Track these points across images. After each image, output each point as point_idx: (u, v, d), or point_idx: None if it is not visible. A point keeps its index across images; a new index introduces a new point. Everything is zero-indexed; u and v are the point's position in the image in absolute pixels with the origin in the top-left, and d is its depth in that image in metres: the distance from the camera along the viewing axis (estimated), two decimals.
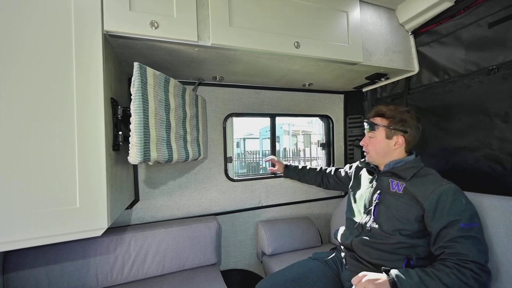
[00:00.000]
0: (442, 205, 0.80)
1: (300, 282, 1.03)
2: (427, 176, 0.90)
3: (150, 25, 0.85)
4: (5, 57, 0.67)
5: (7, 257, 1.05)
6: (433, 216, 0.81)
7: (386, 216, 0.93)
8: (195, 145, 1.21)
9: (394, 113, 0.98)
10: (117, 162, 0.94)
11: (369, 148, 1.03)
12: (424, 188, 0.86)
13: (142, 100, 0.81)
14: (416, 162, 0.95)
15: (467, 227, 0.76)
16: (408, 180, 0.91)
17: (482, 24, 1.08)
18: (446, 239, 0.77)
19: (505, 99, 1.01)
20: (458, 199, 0.81)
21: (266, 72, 1.35)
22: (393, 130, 0.97)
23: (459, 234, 0.76)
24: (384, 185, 0.98)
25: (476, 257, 0.73)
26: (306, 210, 1.82)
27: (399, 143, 0.97)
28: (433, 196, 0.82)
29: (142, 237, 1.26)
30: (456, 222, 0.77)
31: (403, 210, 0.89)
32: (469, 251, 0.74)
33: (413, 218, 0.86)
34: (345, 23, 1.19)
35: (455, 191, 0.82)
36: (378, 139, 0.99)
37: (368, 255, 0.94)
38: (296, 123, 12.60)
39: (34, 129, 0.69)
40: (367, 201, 1.02)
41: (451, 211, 0.79)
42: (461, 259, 0.74)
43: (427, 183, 0.87)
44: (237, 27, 0.99)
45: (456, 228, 0.76)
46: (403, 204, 0.89)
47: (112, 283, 1.19)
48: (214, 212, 1.55)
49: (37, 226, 0.69)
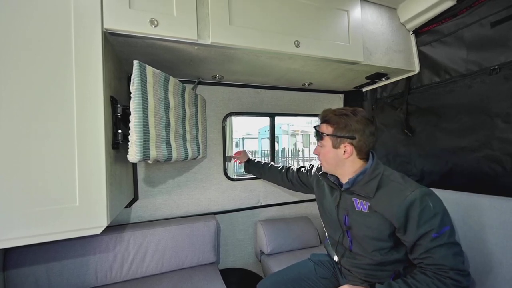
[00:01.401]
0: (411, 219, 0.76)
1: (300, 283, 1.03)
2: (389, 186, 0.82)
3: (150, 23, 0.85)
4: (5, 56, 0.67)
5: (7, 255, 1.06)
6: (404, 232, 0.78)
7: (361, 238, 0.88)
8: (194, 144, 1.21)
9: (338, 119, 0.86)
10: (116, 161, 0.94)
11: (320, 158, 0.94)
12: (390, 203, 0.79)
13: (141, 98, 0.81)
14: (374, 170, 0.85)
15: (439, 235, 0.73)
16: (372, 198, 0.83)
17: (484, 24, 1.07)
18: (421, 251, 0.76)
19: (506, 99, 1.00)
20: (426, 207, 0.75)
21: (266, 71, 1.35)
22: (338, 139, 0.86)
23: (433, 244, 0.73)
24: (348, 203, 0.91)
25: (454, 263, 0.72)
26: (305, 210, 1.81)
27: (348, 152, 0.86)
28: (400, 212, 0.76)
29: (141, 235, 1.26)
30: (428, 233, 0.74)
31: (375, 229, 0.83)
32: (446, 259, 0.72)
33: (387, 236, 0.82)
34: (345, 22, 1.19)
35: (421, 198, 0.76)
36: (326, 149, 0.89)
37: (358, 274, 0.93)
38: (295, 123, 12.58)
39: (33, 127, 0.69)
40: (337, 220, 0.96)
41: (420, 223, 0.75)
42: (439, 269, 0.73)
43: (391, 196, 0.80)
44: (237, 26, 0.98)
45: (429, 239, 0.74)
46: (373, 224, 0.84)
47: (111, 281, 1.20)
48: (213, 211, 1.55)
49: (37, 224, 0.69)
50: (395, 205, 0.77)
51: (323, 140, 0.90)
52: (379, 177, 0.84)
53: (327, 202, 1.02)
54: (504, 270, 0.83)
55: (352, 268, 0.95)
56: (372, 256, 0.87)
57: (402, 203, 0.76)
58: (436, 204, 0.77)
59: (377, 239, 0.84)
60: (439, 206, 0.77)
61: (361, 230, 0.87)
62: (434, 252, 0.74)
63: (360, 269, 0.92)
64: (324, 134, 0.89)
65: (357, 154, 0.87)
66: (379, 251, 0.85)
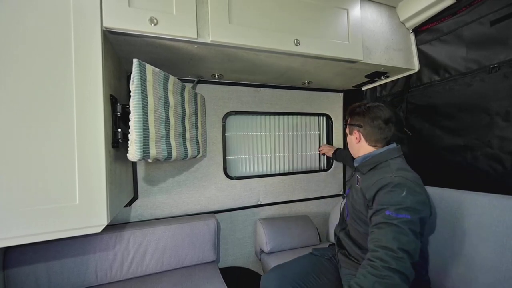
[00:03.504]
0: (378, 196, 0.81)
1: (307, 277, 1.05)
2: (380, 169, 0.90)
3: (150, 22, 0.85)
4: (4, 55, 0.67)
5: (7, 253, 1.06)
6: (370, 206, 0.84)
7: (352, 208, 0.99)
8: (194, 143, 1.21)
9: (353, 109, 1.04)
10: (116, 160, 0.94)
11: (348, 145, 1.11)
12: (369, 180, 0.89)
13: (141, 97, 0.80)
14: (380, 156, 0.93)
15: (393, 215, 0.73)
16: (364, 174, 0.96)
17: (484, 22, 1.07)
18: (371, 224, 0.78)
19: (506, 98, 1.01)
20: (396, 191, 0.77)
21: (266, 70, 1.35)
22: (351, 126, 1.03)
23: (382, 220, 0.74)
24: (353, 180, 1.05)
25: (389, 243, 0.69)
26: (305, 209, 1.82)
27: (358, 138, 1.01)
28: (373, 188, 0.84)
29: (141, 234, 1.26)
30: (383, 209, 0.76)
31: (359, 203, 0.93)
32: (384, 236, 0.71)
33: (365, 211, 0.90)
34: (345, 21, 1.19)
35: (397, 184, 0.79)
36: (349, 136, 1.08)
37: (349, 246, 1.01)
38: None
39: (33, 126, 0.69)
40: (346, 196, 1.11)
41: (382, 200, 0.78)
42: (374, 245, 0.72)
43: (375, 175, 0.88)
44: (237, 25, 0.98)
45: (381, 215, 0.75)
46: (358, 198, 0.94)
47: (111, 279, 1.20)
48: (212, 210, 1.55)
49: (37, 223, 0.69)
50: (372, 181, 0.87)
51: (347, 128, 1.08)
52: (379, 162, 0.93)
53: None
54: (504, 268, 0.84)
55: (345, 239, 1.03)
56: (359, 226, 0.95)
57: (379, 181, 0.84)
58: (410, 197, 0.76)
59: (359, 211, 0.93)
60: (411, 199, 0.76)
61: (353, 201, 0.98)
62: (380, 227, 0.74)
63: (351, 242, 1.00)
64: (346, 123, 1.09)
65: (366, 141, 0.99)
66: (364, 222, 0.92)
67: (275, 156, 1.78)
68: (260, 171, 1.74)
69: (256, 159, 1.73)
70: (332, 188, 1.89)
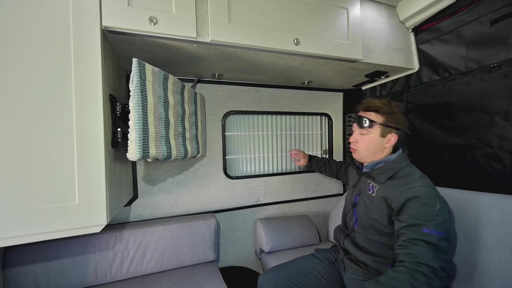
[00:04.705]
0: (409, 208, 0.78)
1: (303, 277, 1.03)
2: (403, 178, 0.86)
3: (149, 21, 0.85)
4: (3, 54, 0.67)
5: (6, 253, 1.06)
6: (397, 216, 0.81)
7: (364, 216, 0.94)
8: (193, 143, 1.21)
9: (389, 109, 0.91)
10: (116, 159, 0.94)
11: (359, 145, 0.96)
12: (395, 190, 0.84)
13: (140, 96, 0.80)
14: (396, 163, 0.90)
15: (431, 233, 0.72)
16: (382, 183, 0.90)
17: (484, 21, 1.07)
18: (404, 238, 0.75)
19: (506, 97, 1.01)
20: (430, 204, 0.76)
21: (265, 70, 1.34)
22: (387, 128, 0.90)
23: (419, 237, 0.72)
24: (363, 186, 0.98)
25: (431, 261, 0.69)
26: (305, 208, 1.82)
27: (392, 141, 0.91)
28: (400, 198, 0.80)
29: (141, 234, 1.26)
30: (419, 225, 0.74)
31: (376, 212, 0.89)
32: (425, 255, 0.70)
33: (386, 222, 0.86)
34: (345, 20, 1.19)
35: (429, 194, 0.78)
36: (371, 136, 0.92)
37: (355, 254, 0.96)
38: None
39: (32, 125, 0.69)
40: (350, 201, 1.05)
41: (416, 214, 0.75)
42: (415, 261, 0.70)
43: (399, 185, 0.84)
44: (236, 24, 0.98)
45: (418, 231, 0.73)
46: (375, 207, 0.89)
47: (111, 279, 1.20)
48: (212, 209, 1.55)
49: (37, 222, 0.69)
50: (398, 192, 0.82)
51: (371, 128, 0.92)
52: (396, 169, 0.89)
53: (351, 183, 1.12)
54: (503, 267, 0.84)
55: (352, 247, 0.98)
56: (371, 235, 0.91)
57: (406, 191, 0.80)
58: (442, 209, 0.77)
59: (377, 221, 0.88)
60: (443, 212, 0.77)
61: (366, 209, 0.93)
62: (418, 243, 0.72)
63: (358, 249, 0.95)
64: (375, 122, 0.91)
65: (394, 144, 0.93)
66: (378, 230, 0.89)
67: (275, 155, 1.78)
68: (260, 171, 1.74)
69: (256, 158, 1.73)
70: (332, 187, 1.89)
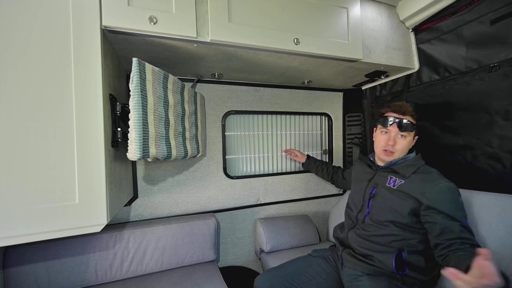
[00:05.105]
0: (442, 201, 0.84)
1: (299, 277, 1.04)
2: (427, 174, 0.93)
3: (149, 21, 0.85)
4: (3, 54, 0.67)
5: (7, 253, 1.06)
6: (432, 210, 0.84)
7: (380, 208, 0.97)
8: (193, 142, 1.21)
9: (416, 113, 1.01)
10: (116, 159, 0.94)
11: (396, 147, 0.99)
12: (422, 184, 0.89)
13: (140, 96, 0.80)
14: (416, 160, 0.99)
15: (466, 226, 0.81)
16: (407, 177, 0.95)
17: (484, 21, 1.07)
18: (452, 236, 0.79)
19: (506, 97, 1.01)
20: (456, 198, 0.85)
21: (265, 69, 1.34)
22: (416, 129, 1.00)
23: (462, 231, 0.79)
24: (381, 180, 1.02)
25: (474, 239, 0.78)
26: (305, 208, 1.82)
27: (415, 142, 1.02)
28: (431, 192, 0.86)
29: (141, 233, 1.26)
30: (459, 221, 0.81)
31: (397, 203, 0.92)
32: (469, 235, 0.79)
33: (407, 212, 0.89)
34: (345, 20, 1.18)
35: (454, 190, 0.86)
36: (409, 139, 0.99)
37: (359, 245, 0.98)
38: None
39: (32, 125, 0.69)
40: (363, 195, 1.06)
41: (452, 208, 0.82)
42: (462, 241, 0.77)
43: (426, 180, 0.90)
44: (236, 23, 0.98)
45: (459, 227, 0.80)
46: (397, 198, 0.93)
47: (111, 279, 1.20)
48: (212, 209, 1.55)
49: (37, 222, 0.69)
50: (428, 186, 0.87)
51: (412, 131, 0.99)
52: (418, 165, 0.97)
53: (360, 178, 1.14)
54: (504, 266, 0.84)
55: (357, 238, 1.01)
56: (384, 226, 0.94)
57: (436, 186, 0.86)
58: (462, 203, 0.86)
59: (396, 212, 0.92)
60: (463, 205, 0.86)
61: (384, 201, 0.97)
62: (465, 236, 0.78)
63: (364, 239, 0.98)
64: (415, 126, 1.00)
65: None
66: (393, 222, 0.92)
67: (275, 155, 1.78)
68: (260, 171, 1.74)
69: (256, 158, 1.73)
70: (332, 187, 1.89)
